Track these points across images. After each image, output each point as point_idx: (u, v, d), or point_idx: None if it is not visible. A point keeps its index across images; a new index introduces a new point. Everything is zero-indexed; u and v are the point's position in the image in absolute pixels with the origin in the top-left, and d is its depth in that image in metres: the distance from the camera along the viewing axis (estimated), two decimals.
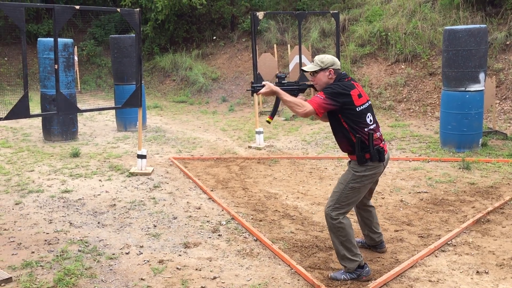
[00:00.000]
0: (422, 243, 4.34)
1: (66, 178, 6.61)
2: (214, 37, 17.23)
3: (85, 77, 17.71)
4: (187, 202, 5.63)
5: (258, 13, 8.06)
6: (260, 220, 5.03)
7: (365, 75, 12.00)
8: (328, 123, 3.96)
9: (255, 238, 4.56)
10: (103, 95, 16.04)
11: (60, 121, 8.86)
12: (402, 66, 11.68)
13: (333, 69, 3.78)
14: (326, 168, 6.94)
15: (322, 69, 3.79)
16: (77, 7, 5.89)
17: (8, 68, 17.83)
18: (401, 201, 5.48)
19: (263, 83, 3.83)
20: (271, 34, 15.42)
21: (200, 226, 4.90)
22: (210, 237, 4.61)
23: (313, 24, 14.78)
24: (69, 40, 8.95)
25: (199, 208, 5.42)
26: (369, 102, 3.76)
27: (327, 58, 3.81)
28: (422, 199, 5.50)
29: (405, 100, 10.79)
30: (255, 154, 7.88)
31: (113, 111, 11.01)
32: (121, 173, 6.85)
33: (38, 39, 8.91)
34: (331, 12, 9.69)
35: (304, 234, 4.65)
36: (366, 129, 3.64)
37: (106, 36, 19.36)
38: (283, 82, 3.94)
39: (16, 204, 5.56)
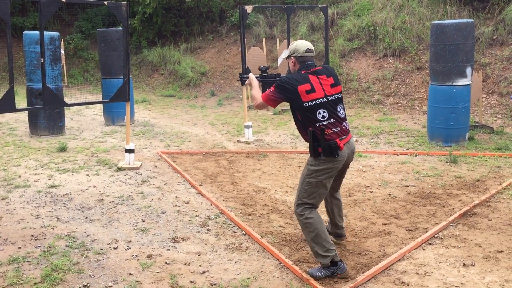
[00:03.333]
0: (409, 236, 4.38)
1: (53, 173, 6.54)
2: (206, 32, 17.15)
3: (72, 71, 17.54)
4: (176, 197, 5.61)
5: (246, 7, 8.03)
6: (249, 215, 5.03)
7: (353, 70, 12.03)
8: None
9: (244, 232, 4.56)
10: (90, 89, 15.91)
11: (47, 116, 8.77)
12: (390, 61, 11.72)
13: (294, 57, 3.75)
14: None
15: (288, 56, 3.81)
16: (64, 0, 5.81)
17: None
18: (389, 194, 5.52)
19: (249, 75, 4.04)
20: (259, 28, 15.39)
21: (189, 220, 4.89)
22: (199, 232, 4.61)
23: (302, 18, 14.77)
24: (55, 34, 8.85)
25: (188, 203, 5.41)
26: (329, 98, 3.66)
27: (292, 45, 3.78)
28: (409, 193, 5.54)
29: (393, 94, 10.84)
30: (244, 149, 7.87)
31: (101, 105, 10.92)
32: (109, 167, 6.80)
33: (24, 32, 8.80)
34: (320, 6, 9.68)
35: (293, 228, 4.66)
36: (317, 124, 3.61)
37: (93, 29, 19.16)
38: (264, 74, 4.02)
39: (2, 199, 5.49)
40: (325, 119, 3.63)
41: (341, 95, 3.81)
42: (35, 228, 4.68)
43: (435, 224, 4.60)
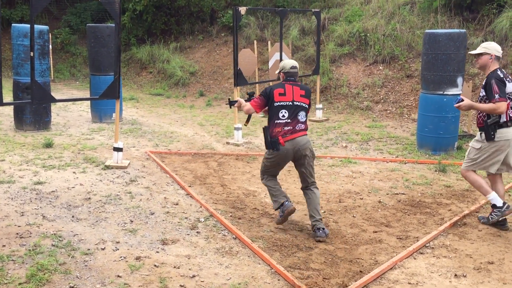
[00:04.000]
0: (400, 245, 4.36)
1: (38, 169, 6.41)
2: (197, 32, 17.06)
3: (59, 65, 17.30)
4: (165, 198, 5.53)
5: (240, 8, 7.98)
6: (239, 218, 4.98)
7: (343, 75, 12.05)
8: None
9: (234, 236, 4.50)
10: (77, 85, 15.70)
11: (33, 110, 8.61)
12: (380, 67, 11.78)
13: (282, 72, 4.81)
14: None
15: (279, 71, 4.86)
16: None
17: None
18: (379, 202, 5.51)
19: (236, 98, 5.12)
20: (250, 30, 15.35)
21: (178, 222, 4.81)
22: (188, 234, 4.54)
23: (293, 22, 14.77)
24: (44, 27, 8.70)
25: (177, 204, 5.33)
26: (295, 104, 4.64)
27: (282, 63, 4.88)
28: (399, 201, 5.54)
29: (382, 101, 10.88)
30: (233, 151, 7.82)
31: (88, 102, 10.77)
32: (96, 165, 6.69)
33: (12, 24, 8.62)
34: (313, 10, 9.71)
35: (284, 233, 4.62)
36: (276, 121, 4.66)
37: (81, 24, 18.94)
38: (251, 98, 4.92)
39: None
40: (284, 119, 4.64)
41: (306, 106, 4.74)
42: (20, 226, 4.56)
43: (425, 233, 4.60)
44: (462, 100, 4.68)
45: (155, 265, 3.89)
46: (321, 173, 6.61)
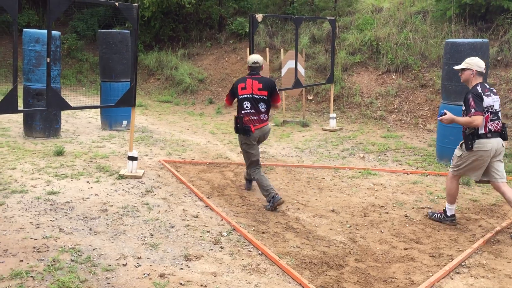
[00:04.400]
0: (434, 263, 4.18)
1: (51, 178, 6.23)
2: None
3: (65, 71, 17.14)
4: (183, 210, 5.35)
5: (257, 15, 7.84)
6: (263, 232, 4.79)
7: (355, 84, 11.89)
8: (316, 133, 5.68)
9: (260, 252, 4.32)
10: (84, 91, 15.53)
11: (43, 117, 8.44)
12: (393, 77, 11.62)
13: (248, 66, 5.74)
14: (324, 178, 6.74)
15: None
16: None
17: None
18: (405, 216, 5.33)
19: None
20: (260, 37, 15.21)
21: (200, 236, 4.63)
22: (212, 249, 4.35)
23: (303, 29, 14.64)
24: (56, 33, 8.54)
25: (197, 217, 5.15)
26: (254, 97, 5.53)
27: (248, 57, 5.85)
28: (426, 215, 5.35)
29: (396, 111, 10.71)
30: None
31: (97, 109, 10.60)
32: (110, 175, 6.51)
33: (24, 30, 8.48)
34: (328, 18, 9.58)
35: (311, 249, 4.43)
36: (242, 112, 5.58)
37: (88, 30, 18.82)
38: None
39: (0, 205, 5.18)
40: (248, 109, 5.56)
41: (265, 97, 5.56)
42: (36, 239, 4.38)
43: (459, 251, 4.42)
44: (445, 114, 4.99)
45: (180, 283, 3.70)
46: (342, 185, 6.43)
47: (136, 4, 6.18)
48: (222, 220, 5.08)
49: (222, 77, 14.76)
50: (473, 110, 4.72)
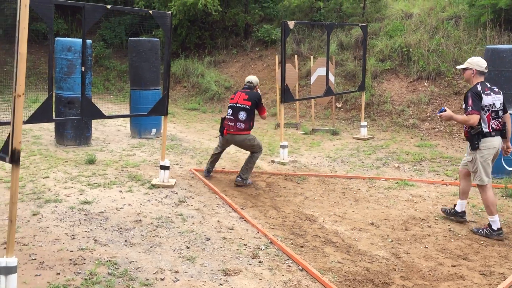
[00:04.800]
0: (486, 283, 3.96)
1: (83, 187, 6.19)
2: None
3: (94, 79, 17.29)
4: (218, 221, 5.23)
5: (289, 22, 7.72)
6: (301, 246, 4.64)
7: (386, 91, 11.66)
8: (347, 141, 5.69)
9: (300, 267, 4.16)
10: (111, 99, 15.64)
11: (74, 125, 8.46)
12: (425, 84, 11.35)
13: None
14: (359, 189, 6.56)
15: None
16: (108, 6, 5.52)
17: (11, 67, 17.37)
18: (449, 230, 5.10)
19: None
20: (286, 44, 15.08)
21: (237, 250, 4.50)
22: (250, 264, 4.21)
23: (331, 36, 14.47)
24: (88, 41, 8.56)
25: (232, 229, 5.02)
26: (237, 105, 6.40)
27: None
28: (472, 230, 5.12)
29: (429, 119, 10.45)
30: (280, 170, 7.49)
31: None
32: (142, 184, 6.44)
33: (56, 38, 8.52)
34: (360, 25, 9.41)
35: (353, 265, 4.26)
36: (226, 116, 6.48)
37: (115, 38, 19.01)
38: None
39: (34, 215, 5.14)
40: (229, 115, 6.45)
41: (247, 107, 6.37)
42: (72, 251, 4.31)
43: (510, 269, 4.18)
44: (445, 111, 5.01)
45: None
46: (379, 197, 6.23)
47: (170, 12, 6.13)
48: (258, 232, 4.95)
49: None
50: (469, 109, 4.82)
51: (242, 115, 6.35)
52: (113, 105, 13.72)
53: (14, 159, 3.20)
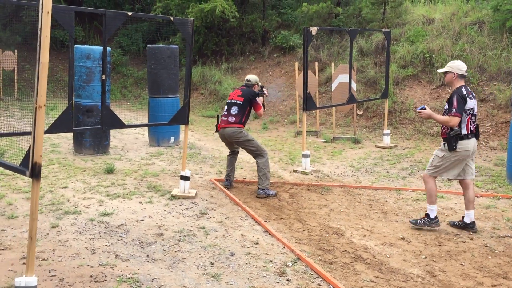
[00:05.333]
0: None
1: (103, 198, 6.05)
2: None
3: (111, 86, 17.28)
4: (242, 235, 5.04)
5: (311, 28, 7.54)
6: (331, 263, 4.42)
7: (408, 98, 11.39)
8: (369, 150, 5.80)
9: (331, 286, 3.94)
10: (129, 106, 15.59)
11: (93, 134, 8.36)
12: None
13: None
14: (386, 201, 6.32)
15: None
16: (130, 13, 5.39)
17: (33, 73, 17.45)
18: (485, 246, 4.84)
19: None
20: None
21: (263, 266, 4.30)
22: (278, 282, 4.01)
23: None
24: (107, 49, 8.47)
25: (257, 243, 4.83)
26: (231, 101, 6.54)
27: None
28: (509, 245, 4.85)
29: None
30: (303, 180, 7.29)
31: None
32: (162, 195, 6.29)
33: (75, 46, 8.44)
34: (383, 30, 9.20)
35: (387, 284, 4.03)
36: (223, 113, 6.59)
37: (132, 45, 19.03)
38: (262, 89, 6.83)
39: (53, 227, 5.00)
40: (224, 111, 6.57)
41: (239, 102, 6.45)
42: (93, 267, 4.15)
43: None
44: (425, 109, 5.18)
45: None
46: (407, 209, 5.98)
47: (192, 19, 5.98)
48: (284, 247, 4.74)
49: (266, 91, 14.48)
50: (453, 110, 4.95)
51: (233, 110, 6.43)
52: (130, 112, 13.68)
53: (35, 173, 3.05)
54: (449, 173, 5.22)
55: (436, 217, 5.21)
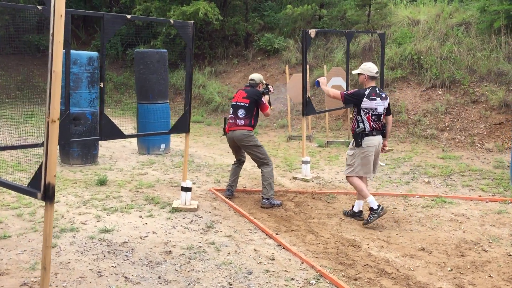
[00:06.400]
0: None
1: (99, 212, 5.68)
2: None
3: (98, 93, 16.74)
4: (255, 250, 4.75)
5: (310, 31, 7.32)
6: (355, 279, 4.18)
7: (399, 100, 11.30)
8: None
9: None
10: (110, 112, 15.09)
11: (81, 143, 7.93)
12: (439, 92, 11.02)
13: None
14: (396, 208, 6.13)
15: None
16: (129, 16, 5.06)
17: (7, 79, 16.81)
18: (509, 255, 4.69)
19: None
20: (290, 53, 14.75)
21: (285, 285, 4.03)
22: None
23: (337, 44, 14.15)
24: (94, 54, 8.10)
25: (273, 259, 4.55)
26: (237, 104, 6.29)
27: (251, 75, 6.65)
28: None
29: (448, 129, 10.08)
30: (305, 187, 7.05)
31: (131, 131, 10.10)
32: (162, 207, 5.95)
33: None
34: (378, 32, 9.05)
35: None
36: (228, 116, 6.42)
37: (111, 49, 18.49)
38: (267, 87, 6.57)
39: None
40: (231, 113, 6.36)
41: (246, 105, 6.22)
42: None
43: None
44: (319, 83, 6.00)
45: None
46: (419, 216, 5.80)
47: (192, 22, 5.68)
48: (303, 263, 4.48)
49: None
50: (345, 93, 5.58)
51: (241, 113, 6.24)
52: (113, 119, 13.18)
53: (48, 195, 2.71)
54: (363, 169, 5.49)
55: (379, 205, 5.35)
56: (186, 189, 5.95)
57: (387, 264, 4.50)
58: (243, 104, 6.24)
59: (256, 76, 6.50)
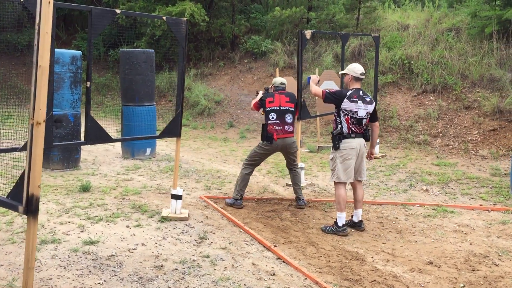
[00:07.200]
0: None
1: (83, 222, 5.28)
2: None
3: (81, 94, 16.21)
4: (253, 264, 4.42)
5: (306, 32, 7.03)
6: None
7: (390, 105, 11.10)
8: None
9: None
10: (92, 114, 14.58)
11: (62, 147, 7.49)
12: (431, 98, 10.85)
13: (273, 86, 6.35)
14: (397, 218, 5.86)
15: (271, 86, 6.42)
16: (118, 11, 4.69)
17: None
18: None
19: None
20: (278, 56, 14.48)
21: None
22: None
23: (325, 48, 13.93)
24: (77, 53, 7.69)
25: (274, 274, 4.22)
26: (281, 108, 6.01)
27: (273, 80, 6.47)
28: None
29: (441, 135, 9.91)
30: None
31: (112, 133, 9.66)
32: (150, 216, 5.57)
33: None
34: (373, 35, 8.83)
35: None
36: (268, 122, 5.99)
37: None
38: (267, 90, 6.47)
39: None
40: (273, 119, 5.98)
41: (292, 109, 6.06)
42: None
43: None
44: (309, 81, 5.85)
45: None
46: (422, 227, 5.54)
47: (185, 19, 5.33)
48: (306, 278, 4.16)
49: (239, 98, 13.92)
50: (327, 91, 5.40)
51: (288, 118, 6.02)
52: (98, 121, 12.70)
53: (31, 209, 2.35)
54: (345, 175, 5.25)
55: (343, 225, 5.23)
56: (177, 197, 5.59)
57: (396, 280, 4.21)
58: (289, 108, 6.06)
59: (283, 79, 6.44)
